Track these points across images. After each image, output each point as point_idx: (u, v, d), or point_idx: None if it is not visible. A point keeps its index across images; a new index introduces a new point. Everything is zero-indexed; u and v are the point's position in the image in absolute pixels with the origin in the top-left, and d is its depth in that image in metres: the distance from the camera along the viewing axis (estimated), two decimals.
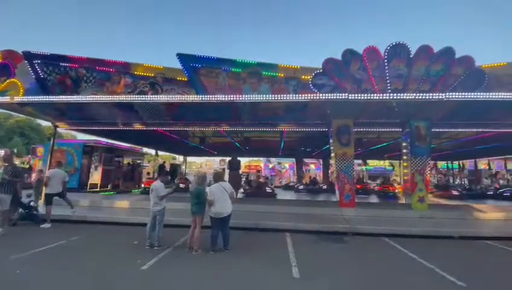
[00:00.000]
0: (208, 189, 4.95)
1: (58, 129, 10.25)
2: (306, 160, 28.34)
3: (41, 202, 6.94)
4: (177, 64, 7.11)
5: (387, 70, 6.68)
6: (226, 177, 8.62)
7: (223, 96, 6.85)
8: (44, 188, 6.99)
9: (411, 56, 6.61)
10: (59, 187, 6.95)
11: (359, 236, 6.15)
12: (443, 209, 7.80)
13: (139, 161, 17.33)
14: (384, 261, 4.52)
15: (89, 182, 12.12)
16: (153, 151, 19.28)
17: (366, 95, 6.63)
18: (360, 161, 25.50)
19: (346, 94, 6.64)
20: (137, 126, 9.12)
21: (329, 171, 21.57)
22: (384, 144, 12.86)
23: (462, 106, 6.92)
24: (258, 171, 41.67)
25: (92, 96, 7.38)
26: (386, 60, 6.69)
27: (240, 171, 8.86)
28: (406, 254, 4.90)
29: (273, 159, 39.68)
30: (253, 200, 9.31)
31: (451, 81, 6.56)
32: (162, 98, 7.15)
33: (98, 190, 11.86)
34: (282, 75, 6.98)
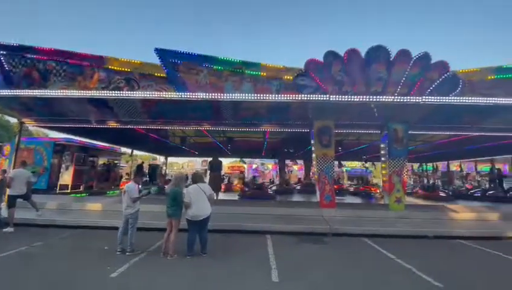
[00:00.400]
0: (185, 190, 4.73)
1: (30, 127, 9.54)
2: (289, 161, 28.53)
3: (3, 204, 6.37)
4: (156, 60, 6.82)
5: (367, 73, 6.77)
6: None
7: (204, 94, 6.64)
8: (7, 189, 6.44)
9: (391, 59, 6.76)
10: (23, 188, 6.42)
11: (339, 237, 6.17)
12: (419, 210, 8.04)
13: (116, 161, 16.54)
14: (363, 262, 4.52)
15: (59, 183, 11.35)
16: (135, 152, 18.53)
17: (346, 97, 6.69)
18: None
19: (327, 96, 6.68)
20: (112, 124, 8.64)
21: (311, 173, 21.82)
22: (363, 146, 13.16)
23: (438, 109, 7.18)
24: (242, 172, 41.56)
25: (62, 90, 6.90)
26: (366, 63, 6.79)
27: (222, 173, 8.61)
28: (385, 255, 4.95)
29: (256, 160, 39.79)
30: (234, 202, 9.14)
31: (427, 85, 6.76)
32: (138, 94, 6.82)
33: (68, 191, 11.15)
34: (265, 74, 6.87)
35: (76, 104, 7.50)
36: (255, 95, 6.71)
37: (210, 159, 8.38)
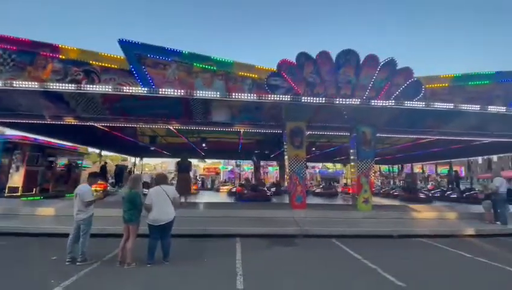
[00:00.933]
0: (147, 192, 4.39)
1: None
2: (267, 162, 28.63)
3: None
4: (121, 53, 6.35)
5: (338, 76, 6.88)
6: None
7: (172, 90, 6.28)
8: None
9: (360, 63, 6.93)
10: None
11: (309, 238, 6.15)
12: (385, 210, 8.33)
13: (79, 162, 15.28)
14: (331, 264, 4.50)
15: (7, 185, 10.16)
16: (107, 153, 17.31)
17: (318, 99, 6.73)
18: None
19: (299, 97, 6.66)
20: (70, 120, 7.89)
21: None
22: (333, 148, 13.51)
23: (403, 113, 7.50)
24: (217, 173, 40.93)
25: (9, 81, 6.15)
26: (337, 66, 6.90)
27: (191, 174, 8.25)
28: (352, 255, 4.98)
29: (231, 161, 39.42)
30: (205, 205, 8.79)
31: (393, 90, 7.03)
32: (98, 88, 6.29)
33: (19, 194, 10.01)
34: (237, 72, 6.70)
35: (25, 97, 6.74)
36: (227, 93, 6.51)
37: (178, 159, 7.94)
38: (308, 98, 6.66)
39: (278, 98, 6.55)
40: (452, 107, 6.88)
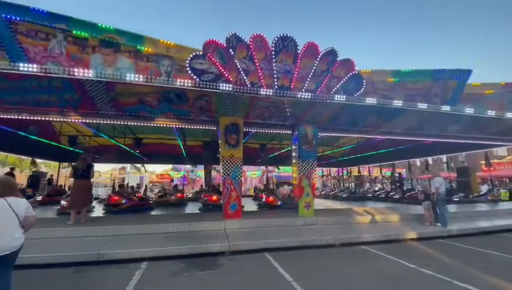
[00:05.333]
0: None
1: None
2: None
3: None
4: None
5: (274, 64, 6.00)
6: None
7: (56, 68, 4.67)
8: None
9: (298, 52, 6.16)
10: None
11: (239, 254, 5.04)
12: (327, 215, 7.64)
13: None
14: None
15: None
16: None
17: (252, 89, 5.72)
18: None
19: (230, 85, 5.57)
20: None
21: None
22: (283, 150, 12.84)
23: (344, 110, 6.94)
24: (172, 180, 38.04)
25: None
26: (273, 53, 6.02)
27: (92, 180, 6.51)
28: (282, 276, 3.98)
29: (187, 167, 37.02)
30: (106, 219, 7.05)
31: (334, 83, 6.41)
32: None
33: None
34: (150, 50, 5.37)
35: None
36: (135, 75, 5.07)
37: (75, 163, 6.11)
38: (247, 87, 5.62)
39: (204, 85, 5.35)
40: (400, 105, 6.46)
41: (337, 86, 6.37)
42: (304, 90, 6.11)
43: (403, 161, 19.21)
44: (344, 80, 6.40)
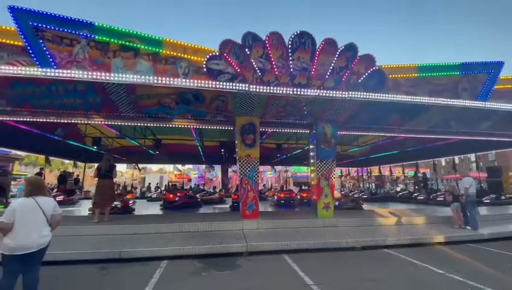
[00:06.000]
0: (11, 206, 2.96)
1: None
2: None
3: None
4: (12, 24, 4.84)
5: (291, 62, 5.89)
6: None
7: (79, 72, 4.85)
8: None
9: (316, 48, 6.01)
10: None
11: (256, 255, 5.00)
12: (347, 216, 7.40)
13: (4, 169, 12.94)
14: None
15: None
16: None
17: (269, 88, 5.63)
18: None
19: (247, 85, 5.52)
20: None
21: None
22: (299, 150, 12.64)
23: (365, 107, 6.67)
24: (189, 180, 38.86)
25: None
26: (290, 50, 5.91)
27: (115, 180, 6.72)
28: (301, 279, 3.88)
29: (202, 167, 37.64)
30: (127, 218, 7.21)
31: (354, 80, 6.19)
32: None
33: None
34: (168, 52, 5.45)
35: None
36: (155, 78, 5.16)
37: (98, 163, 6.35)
38: (263, 87, 5.55)
39: (221, 86, 5.34)
40: (424, 101, 6.10)
41: (357, 83, 6.15)
42: (322, 87, 5.95)
43: (427, 160, 18.31)
44: (364, 76, 6.17)
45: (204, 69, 5.46)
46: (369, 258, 5.00)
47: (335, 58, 6.05)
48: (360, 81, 6.13)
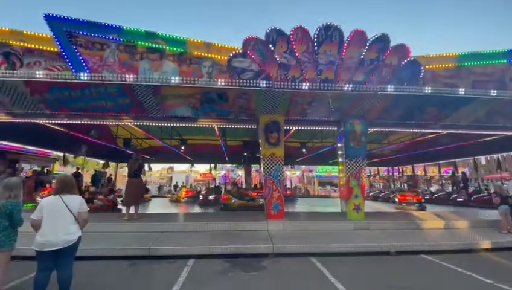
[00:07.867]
0: (40, 203, 3.11)
1: None
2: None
3: None
4: (47, 30, 5.14)
5: (317, 55, 5.64)
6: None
7: (111, 75, 5.03)
8: None
9: (344, 41, 5.71)
10: None
11: (283, 257, 4.84)
12: (380, 218, 6.98)
13: (47, 168, 14.04)
14: None
15: None
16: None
17: (294, 84, 5.46)
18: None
19: (271, 82, 5.38)
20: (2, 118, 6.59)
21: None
22: (325, 149, 12.22)
23: (398, 101, 6.22)
24: (214, 179, 39.58)
25: None
26: (316, 44, 5.67)
27: (144, 179, 6.92)
28: (333, 285, 3.66)
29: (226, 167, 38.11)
30: (153, 216, 7.38)
31: (386, 73, 5.79)
32: (20, 74, 5.04)
33: None
34: (192, 52, 5.48)
35: None
36: (181, 78, 5.21)
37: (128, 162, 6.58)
38: (288, 83, 5.40)
39: (246, 84, 5.26)
40: (460, 93, 5.56)
41: (389, 75, 5.74)
42: (351, 82, 5.63)
43: (465, 159, 16.87)
44: (398, 68, 5.74)
45: (228, 67, 5.40)
46: (406, 264, 4.63)
47: (365, 50, 5.71)
48: (392, 74, 5.72)
